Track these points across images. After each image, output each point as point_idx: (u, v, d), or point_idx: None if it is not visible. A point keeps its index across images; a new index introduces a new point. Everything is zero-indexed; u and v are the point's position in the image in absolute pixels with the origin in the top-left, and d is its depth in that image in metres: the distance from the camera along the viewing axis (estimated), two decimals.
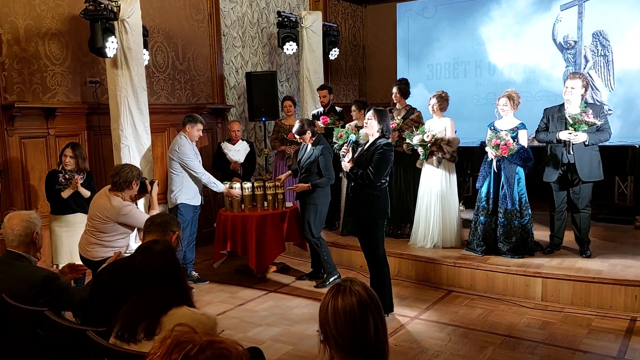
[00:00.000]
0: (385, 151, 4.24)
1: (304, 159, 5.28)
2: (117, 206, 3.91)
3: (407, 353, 3.85)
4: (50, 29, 5.44)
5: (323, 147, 5.20)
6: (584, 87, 4.94)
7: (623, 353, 3.75)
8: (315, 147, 5.20)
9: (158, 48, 6.57)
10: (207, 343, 1.17)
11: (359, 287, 1.68)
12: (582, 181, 4.97)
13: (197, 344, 1.16)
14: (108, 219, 3.92)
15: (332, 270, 5.31)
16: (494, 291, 4.95)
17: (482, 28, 7.41)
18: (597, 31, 6.61)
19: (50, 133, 5.45)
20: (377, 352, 1.62)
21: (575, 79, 4.92)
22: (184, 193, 5.37)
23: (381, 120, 4.31)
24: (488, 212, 5.19)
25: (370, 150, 4.32)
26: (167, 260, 2.26)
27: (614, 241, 5.73)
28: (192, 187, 5.42)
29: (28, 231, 2.93)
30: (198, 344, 1.16)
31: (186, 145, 5.34)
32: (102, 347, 2.17)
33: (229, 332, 4.28)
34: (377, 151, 4.24)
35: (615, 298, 4.47)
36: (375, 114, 4.33)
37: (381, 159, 4.22)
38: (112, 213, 3.91)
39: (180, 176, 5.35)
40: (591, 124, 4.78)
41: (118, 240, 4.01)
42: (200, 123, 5.45)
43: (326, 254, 5.31)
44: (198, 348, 1.16)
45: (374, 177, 4.22)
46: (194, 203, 5.45)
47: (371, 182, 4.24)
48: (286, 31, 7.42)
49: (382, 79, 9.45)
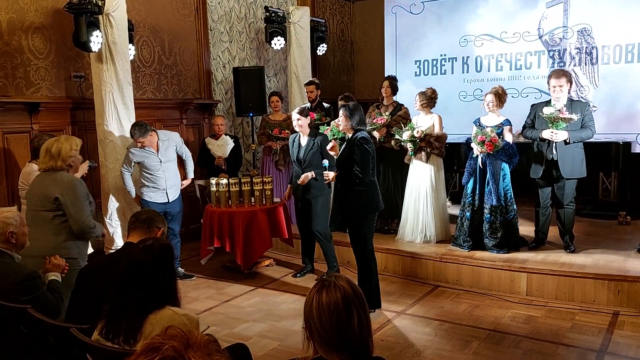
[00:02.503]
0: (362, 145, 4.25)
1: (304, 151, 5.17)
2: (27, 171, 4.31)
3: (393, 348, 3.87)
4: (34, 22, 5.37)
5: (323, 137, 5.19)
6: (569, 83, 5.00)
7: (605, 347, 3.80)
8: (315, 137, 5.17)
9: (144, 42, 6.51)
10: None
11: (344, 282, 1.68)
12: (564, 178, 5.03)
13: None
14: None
15: (336, 264, 5.32)
16: (479, 286, 4.99)
17: (469, 25, 7.44)
18: (582, 28, 6.67)
19: (34, 128, 5.37)
20: (361, 347, 1.62)
21: (561, 77, 4.96)
22: (145, 190, 5.27)
23: (350, 116, 4.32)
24: (474, 207, 5.23)
25: (347, 146, 4.36)
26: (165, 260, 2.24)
27: (597, 236, 5.80)
28: (152, 185, 5.26)
29: (1, 231, 2.89)
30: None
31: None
32: (85, 344, 2.15)
33: (215, 328, 4.28)
34: (355, 147, 4.25)
35: (598, 292, 4.53)
36: (342, 114, 4.37)
37: (362, 155, 4.24)
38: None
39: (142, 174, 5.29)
40: (567, 119, 4.82)
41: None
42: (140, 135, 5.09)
43: (332, 248, 5.31)
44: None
45: (363, 175, 4.24)
46: (155, 200, 5.25)
47: (362, 180, 4.27)
48: (274, 26, 7.39)
49: (370, 75, 9.47)
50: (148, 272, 2.16)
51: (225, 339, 3.85)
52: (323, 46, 8.23)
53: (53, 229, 3.46)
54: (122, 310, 2.12)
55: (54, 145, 3.53)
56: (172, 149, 5.37)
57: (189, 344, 1.14)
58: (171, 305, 2.17)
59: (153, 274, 2.17)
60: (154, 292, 2.14)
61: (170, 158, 5.34)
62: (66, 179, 3.51)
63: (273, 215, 5.50)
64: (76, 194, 3.46)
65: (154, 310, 2.11)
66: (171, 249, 2.32)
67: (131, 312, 2.10)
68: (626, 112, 6.54)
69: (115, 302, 2.15)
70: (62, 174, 3.53)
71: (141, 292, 2.13)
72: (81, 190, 3.51)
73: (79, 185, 3.52)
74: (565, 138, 4.89)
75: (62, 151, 3.51)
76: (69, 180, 3.51)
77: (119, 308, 2.13)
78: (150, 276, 2.16)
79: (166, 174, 5.28)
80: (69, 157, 3.54)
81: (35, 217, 3.46)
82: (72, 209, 3.45)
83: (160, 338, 1.15)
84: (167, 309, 2.13)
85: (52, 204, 3.45)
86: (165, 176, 5.27)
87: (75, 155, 3.59)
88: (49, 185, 3.48)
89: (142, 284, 2.14)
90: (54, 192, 3.43)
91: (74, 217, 3.46)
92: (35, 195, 3.53)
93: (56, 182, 3.48)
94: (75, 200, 3.45)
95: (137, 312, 2.10)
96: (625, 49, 6.51)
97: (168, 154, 5.31)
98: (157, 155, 5.23)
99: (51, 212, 3.46)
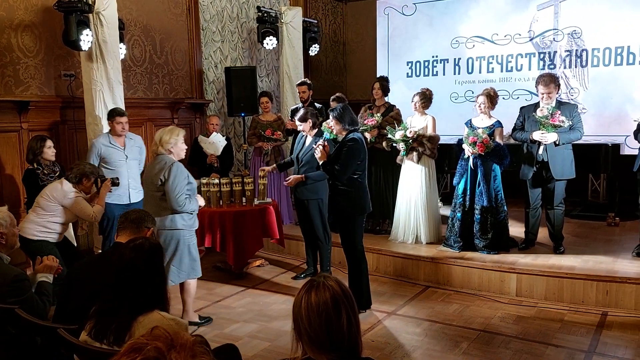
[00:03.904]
0: (350, 146, 4.24)
1: (304, 151, 5.13)
2: (66, 190, 4.23)
3: (383, 349, 3.88)
4: (24, 20, 5.33)
5: (327, 139, 5.15)
6: (557, 87, 5.04)
7: (594, 347, 3.83)
8: (318, 138, 5.09)
9: (135, 41, 6.48)
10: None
11: (333, 282, 1.68)
12: (555, 179, 5.06)
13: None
14: (54, 198, 4.19)
15: (329, 267, 5.28)
16: (469, 286, 5.01)
17: (461, 26, 7.47)
18: (573, 31, 6.72)
19: (23, 127, 5.34)
20: (349, 347, 1.62)
21: (549, 85, 4.97)
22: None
23: (340, 120, 4.32)
24: (465, 208, 5.25)
25: (338, 147, 4.37)
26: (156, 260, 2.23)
27: (586, 238, 5.84)
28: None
29: None
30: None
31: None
32: (72, 345, 2.13)
33: (205, 329, 4.27)
34: (343, 147, 4.27)
35: (587, 293, 4.57)
36: (332, 118, 4.39)
37: (346, 155, 4.23)
38: (59, 194, 4.21)
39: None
40: (558, 126, 4.86)
41: (53, 224, 4.20)
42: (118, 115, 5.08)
43: (328, 251, 5.26)
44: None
45: (339, 173, 4.25)
46: (115, 201, 5.02)
47: (336, 178, 4.30)
48: (266, 26, 7.39)
49: (362, 75, 9.48)
50: (138, 271, 2.15)
51: (216, 340, 3.84)
52: (315, 47, 8.23)
53: (160, 206, 4.03)
54: (111, 310, 2.10)
55: (157, 134, 4.16)
56: (136, 150, 5.23)
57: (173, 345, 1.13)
58: (161, 307, 2.16)
59: (143, 273, 2.15)
60: (144, 292, 2.12)
61: (134, 157, 5.19)
62: (168, 161, 4.07)
63: (264, 215, 5.48)
64: (171, 175, 4.00)
65: (143, 312, 2.10)
66: (161, 248, 2.30)
67: (121, 312, 2.08)
68: (615, 115, 6.60)
69: (105, 302, 2.14)
70: (163, 157, 4.08)
71: (131, 292, 2.11)
72: (175, 172, 4.01)
73: (175, 167, 4.03)
74: (555, 140, 4.92)
75: (162, 139, 4.08)
76: (169, 164, 4.04)
77: (108, 308, 2.11)
78: (140, 275, 2.15)
79: (130, 172, 5.11)
80: (167, 144, 4.08)
81: (149, 197, 4.18)
82: (167, 187, 4.00)
83: (145, 338, 1.14)
84: (156, 312, 2.12)
85: (157, 186, 4.05)
86: (128, 174, 5.08)
87: (174, 142, 4.09)
88: (155, 169, 4.08)
89: (132, 283, 2.13)
90: (158, 175, 4.02)
91: (168, 195, 4.00)
92: (148, 179, 4.17)
93: (160, 165, 4.05)
94: (171, 180, 3.99)
95: (126, 312, 2.08)
96: (614, 51, 6.56)
97: (133, 153, 5.17)
98: (123, 151, 5.08)
99: (158, 192, 4.06)
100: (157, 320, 2.06)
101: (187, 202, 4.06)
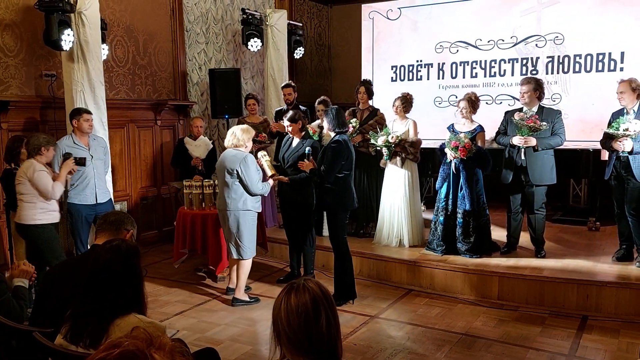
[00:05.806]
0: (333, 148, 4.58)
1: (290, 152, 5.14)
2: (28, 165, 4.36)
3: (365, 352, 3.87)
4: (4, 19, 5.25)
5: (313, 142, 5.16)
6: (537, 90, 5.08)
7: (574, 350, 3.86)
8: (305, 141, 5.13)
9: (118, 42, 6.42)
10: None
11: (313, 284, 1.67)
12: (534, 184, 5.10)
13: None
14: (23, 177, 4.33)
15: (312, 270, 5.27)
16: (452, 290, 5.02)
17: (445, 31, 7.52)
18: (555, 37, 6.80)
19: (3, 127, 5.26)
20: (328, 349, 1.61)
21: (525, 84, 5.07)
22: (71, 193, 4.94)
23: (334, 119, 4.63)
24: (447, 212, 5.27)
25: (324, 149, 4.72)
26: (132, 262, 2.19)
27: (567, 242, 5.89)
28: (79, 184, 4.93)
29: None
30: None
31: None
32: (48, 349, 2.09)
33: (186, 332, 4.22)
34: (327, 151, 4.60)
35: (567, 297, 4.61)
36: (326, 117, 4.69)
37: (331, 157, 4.56)
38: (24, 171, 4.34)
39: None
40: (534, 128, 4.90)
41: (44, 203, 4.38)
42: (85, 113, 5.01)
43: (312, 253, 5.26)
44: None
45: (325, 174, 4.59)
46: (82, 202, 4.93)
47: (323, 179, 4.62)
48: (250, 29, 7.37)
49: (347, 79, 9.49)
50: (115, 273, 2.11)
51: (196, 343, 3.80)
52: (300, 50, 8.23)
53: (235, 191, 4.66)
54: (87, 313, 2.06)
55: (235, 131, 4.75)
56: (101, 150, 5.11)
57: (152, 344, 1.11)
58: (137, 310, 2.12)
59: (120, 275, 2.12)
60: (121, 294, 2.09)
61: (99, 157, 5.06)
62: (242, 154, 4.67)
63: None
64: (249, 165, 4.63)
65: (120, 315, 2.06)
66: (138, 250, 2.27)
67: (97, 314, 2.05)
68: (597, 120, 6.66)
69: (81, 305, 2.10)
70: (239, 151, 4.68)
71: (108, 294, 2.08)
72: (250, 163, 4.66)
73: (250, 159, 4.67)
74: (534, 145, 4.97)
75: (241, 137, 4.69)
76: (244, 157, 4.64)
77: (85, 310, 2.07)
78: (116, 277, 2.11)
79: (96, 171, 4.97)
80: (243, 140, 4.71)
81: (222, 184, 4.73)
82: (243, 176, 4.62)
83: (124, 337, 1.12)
84: (132, 315, 2.08)
85: (232, 174, 4.64)
86: (94, 173, 4.95)
87: (247, 139, 4.76)
88: (230, 160, 4.65)
89: (108, 286, 2.09)
90: (234, 165, 4.63)
91: (244, 183, 4.61)
92: (221, 167, 4.72)
93: (236, 157, 4.64)
94: (250, 170, 4.63)
95: (103, 315, 2.05)
96: (596, 58, 6.64)
97: (98, 153, 5.04)
98: (87, 151, 4.93)
99: (232, 178, 4.63)
100: (134, 323, 2.02)
101: (264, 185, 4.77)
